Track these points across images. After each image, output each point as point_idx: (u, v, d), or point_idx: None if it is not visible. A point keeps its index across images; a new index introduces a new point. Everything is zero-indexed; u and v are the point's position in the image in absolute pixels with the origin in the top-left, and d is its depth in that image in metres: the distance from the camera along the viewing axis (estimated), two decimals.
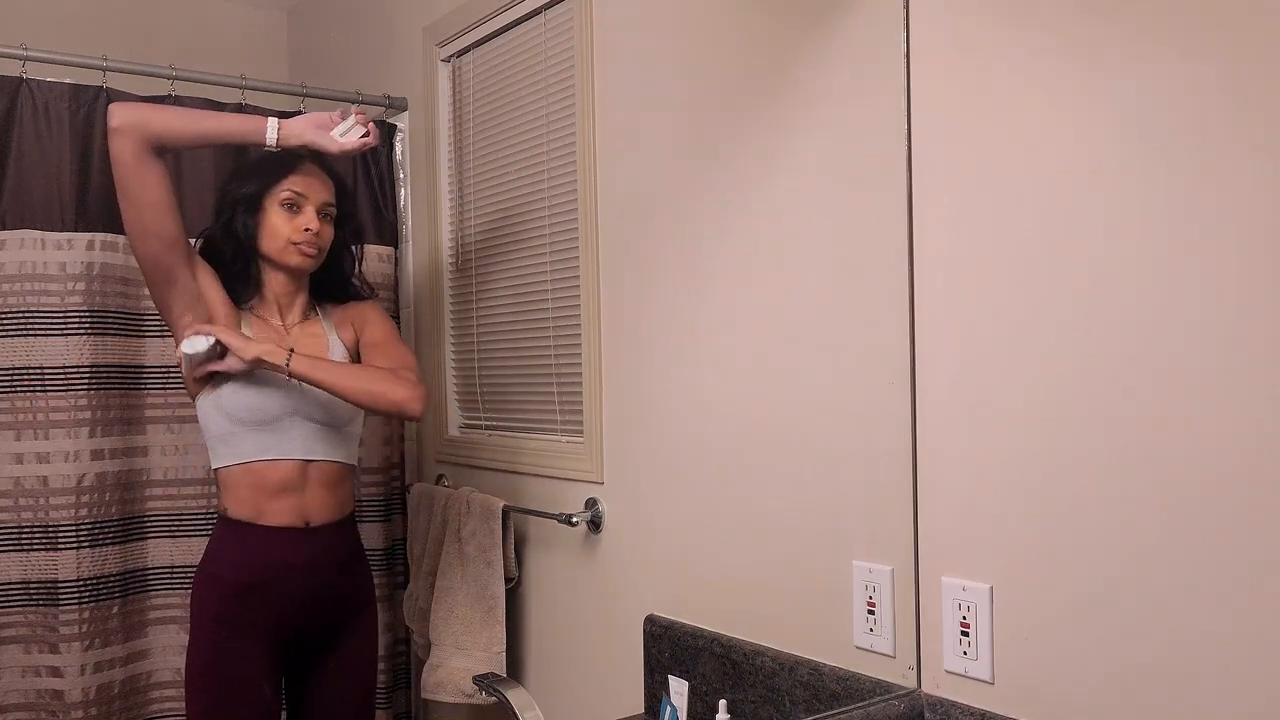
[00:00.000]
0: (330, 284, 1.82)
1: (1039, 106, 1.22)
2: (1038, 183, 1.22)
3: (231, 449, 1.66)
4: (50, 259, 1.70)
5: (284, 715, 1.74)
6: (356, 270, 1.88)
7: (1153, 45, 1.11)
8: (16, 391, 1.68)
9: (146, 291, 1.80)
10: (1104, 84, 1.16)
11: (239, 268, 1.70)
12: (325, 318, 1.80)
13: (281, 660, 1.71)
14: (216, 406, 1.65)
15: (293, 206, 1.69)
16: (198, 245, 1.70)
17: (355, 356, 1.81)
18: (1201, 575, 1.09)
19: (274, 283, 1.73)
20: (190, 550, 1.81)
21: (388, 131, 2.15)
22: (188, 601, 1.81)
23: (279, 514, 1.67)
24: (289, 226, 1.69)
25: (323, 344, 1.77)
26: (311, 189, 1.71)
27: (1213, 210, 1.07)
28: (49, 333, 1.69)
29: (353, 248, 1.87)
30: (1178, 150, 1.10)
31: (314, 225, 1.70)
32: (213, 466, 1.68)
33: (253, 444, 1.65)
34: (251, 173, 1.72)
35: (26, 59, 1.70)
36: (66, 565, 1.69)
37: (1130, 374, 1.14)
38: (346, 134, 1.63)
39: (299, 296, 1.76)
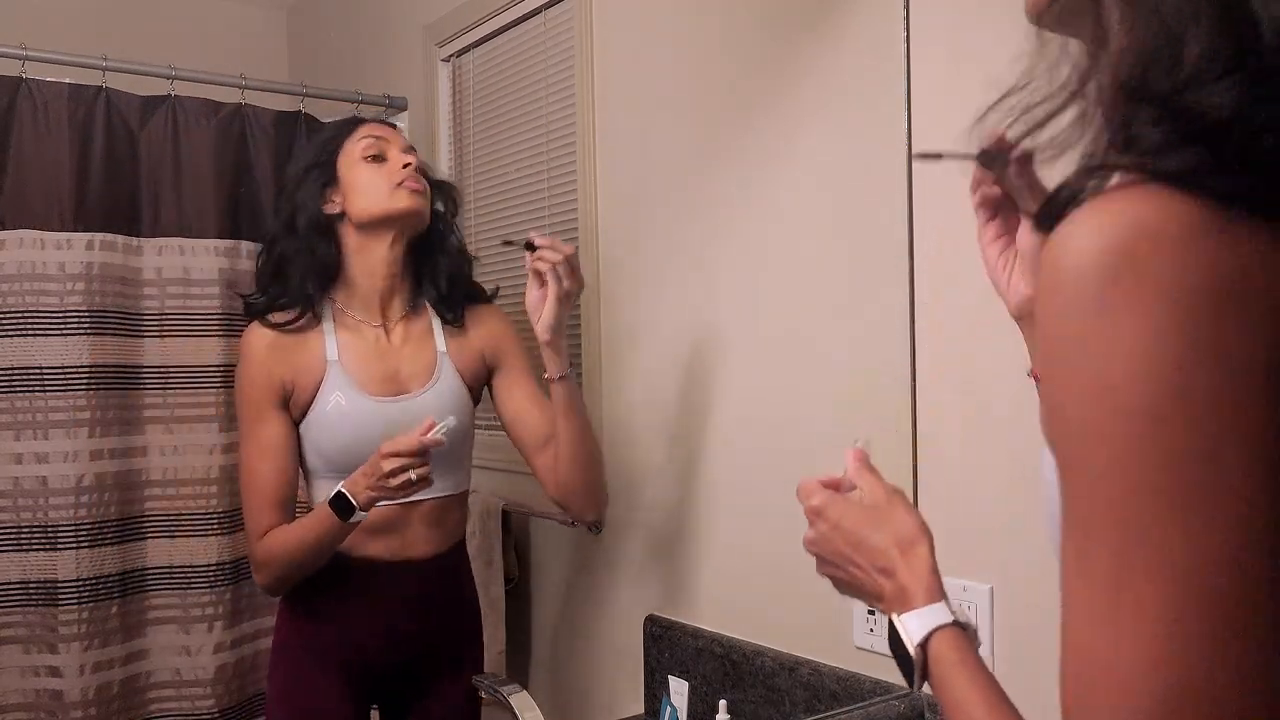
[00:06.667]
0: (442, 283, 1.50)
1: None
2: None
3: (325, 494, 1.39)
4: (49, 259, 1.69)
5: None
6: (459, 252, 1.53)
7: None
8: (16, 391, 1.67)
9: (145, 291, 1.79)
10: None
11: (318, 258, 1.43)
12: (437, 319, 1.54)
13: (369, 696, 1.55)
14: (311, 443, 1.47)
15: (377, 157, 1.43)
16: (260, 261, 1.49)
17: (473, 389, 1.55)
18: None
19: (364, 267, 1.44)
20: (189, 550, 1.80)
21: None
22: (186, 601, 1.80)
23: (373, 547, 1.47)
24: (383, 174, 1.41)
25: (428, 360, 1.50)
26: (392, 140, 1.47)
27: None
28: (48, 333, 1.69)
29: (456, 232, 1.53)
30: None
31: (413, 160, 1.43)
32: (314, 499, 1.48)
33: None
34: (315, 144, 1.50)
35: (26, 59, 1.69)
36: (65, 565, 1.68)
37: None
38: None
39: (402, 282, 1.48)
